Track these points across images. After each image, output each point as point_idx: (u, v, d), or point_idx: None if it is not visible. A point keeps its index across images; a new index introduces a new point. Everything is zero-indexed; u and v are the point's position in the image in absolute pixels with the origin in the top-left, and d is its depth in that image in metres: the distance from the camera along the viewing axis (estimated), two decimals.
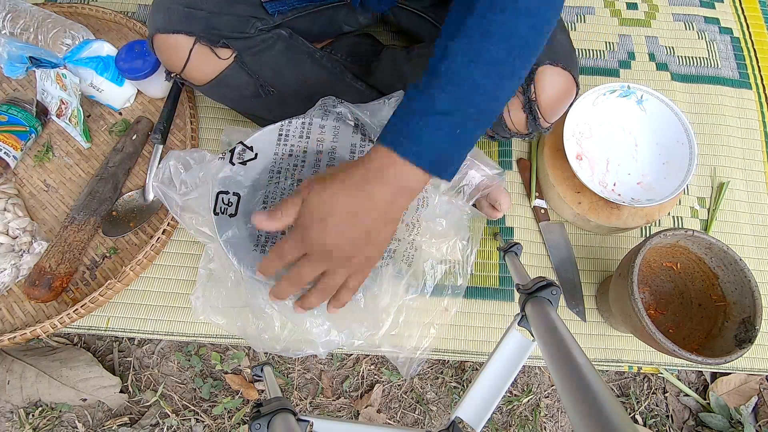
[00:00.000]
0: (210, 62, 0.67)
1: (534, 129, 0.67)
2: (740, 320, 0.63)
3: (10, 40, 0.82)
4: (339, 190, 0.44)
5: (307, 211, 0.45)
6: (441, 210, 0.62)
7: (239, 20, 0.66)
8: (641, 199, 0.75)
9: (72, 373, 0.79)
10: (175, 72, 0.68)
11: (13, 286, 0.77)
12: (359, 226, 0.45)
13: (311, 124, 0.64)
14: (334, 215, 0.44)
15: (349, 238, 0.45)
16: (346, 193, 0.44)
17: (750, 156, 0.89)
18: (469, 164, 0.67)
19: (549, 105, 0.64)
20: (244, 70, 0.69)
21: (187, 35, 0.64)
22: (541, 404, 0.82)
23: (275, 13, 0.68)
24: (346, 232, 0.44)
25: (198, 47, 0.65)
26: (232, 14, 0.66)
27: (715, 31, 0.98)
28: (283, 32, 0.71)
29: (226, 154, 0.62)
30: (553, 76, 0.62)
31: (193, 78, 0.69)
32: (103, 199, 0.78)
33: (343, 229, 0.44)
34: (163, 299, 0.78)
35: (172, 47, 0.65)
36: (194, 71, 0.67)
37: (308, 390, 0.83)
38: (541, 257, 0.81)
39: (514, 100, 0.64)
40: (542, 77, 0.62)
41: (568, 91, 0.65)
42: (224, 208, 0.58)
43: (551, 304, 0.42)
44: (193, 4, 0.64)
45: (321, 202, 0.44)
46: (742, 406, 0.81)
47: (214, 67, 0.67)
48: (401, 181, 0.44)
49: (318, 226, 0.44)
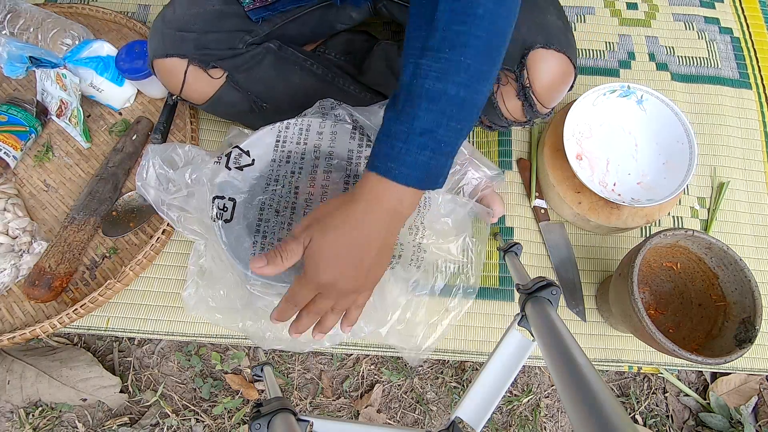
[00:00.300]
0: (204, 82, 0.68)
1: (532, 116, 0.65)
2: (740, 320, 0.63)
3: (10, 40, 0.82)
4: (341, 232, 0.45)
5: (314, 259, 0.46)
6: (445, 209, 0.62)
7: (228, 36, 0.67)
8: (641, 199, 0.75)
9: (72, 373, 0.79)
10: (175, 93, 0.71)
11: (13, 286, 0.77)
12: (365, 258, 0.46)
13: (308, 129, 0.64)
14: (340, 257, 0.45)
15: (358, 270, 0.47)
16: (348, 233, 0.45)
17: (750, 156, 0.89)
18: (468, 165, 0.67)
19: (545, 90, 0.61)
20: (236, 88, 0.70)
21: (180, 58, 0.66)
22: (541, 404, 0.82)
23: (259, 20, 0.69)
24: (354, 267, 0.46)
25: (192, 69, 0.67)
26: (220, 31, 0.67)
27: (715, 31, 0.98)
28: (272, 45, 0.72)
29: (222, 157, 0.61)
30: (547, 59, 0.60)
31: (192, 98, 0.71)
32: (103, 199, 0.78)
33: (351, 265, 0.46)
34: (163, 299, 0.78)
35: (169, 70, 0.67)
36: (192, 92, 0.69)
37: (308, 390, 0.83)
38: (541, 257, 0.81)
39: (507, 87, 0.62)
40: (535, 61, 0.60)
41: (564, 73, 0.62)
42: (220, 213, 0.58)
43: (551, 304, 0.42)
44: (184, 27, 0.65)
45: (326, 247, 0.46)
46: (742, 406, 0.81)
47: (208, 87, 0.69)
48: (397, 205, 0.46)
49: (327, 270, 0.46)
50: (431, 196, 0.62)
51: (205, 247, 0.63)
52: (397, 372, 0.83)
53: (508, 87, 0.62)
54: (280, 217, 0.60)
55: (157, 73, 0.69)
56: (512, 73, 0.61)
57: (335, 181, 0.61)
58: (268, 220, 0.60)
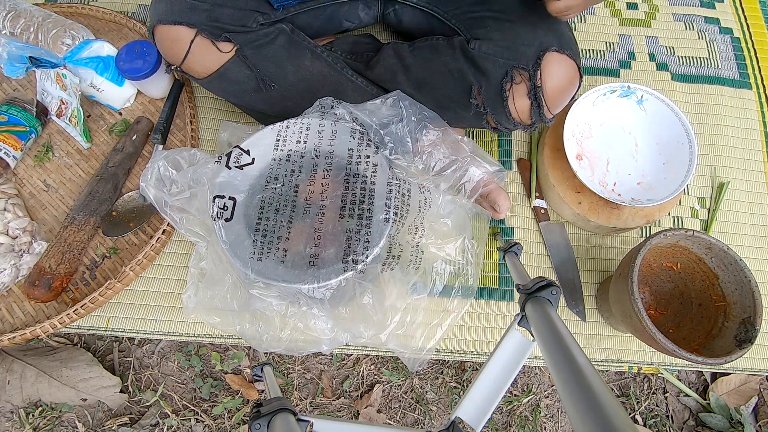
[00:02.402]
0: (211, 55, 0.66)
1: (537, 119, 0.66)
2: (740, 320, 0.63)
3: (10, 40, 0.82)
4: None
5: None
6: (445, 210, 0.62)
7: (242, 13, 0.66)
8: (641, 199, 0.75)
9: (72, 373, 0.79)
10: (175, 64, 0.68)
11: (13, 286, 0.77)
12: None
13: (308, 128, 0.64)
14: None
15: None
16: None
17: (750, 156, 0.89)
18: (470, 161, 0.67)
19: (554, 93, 0.64)
20: (246, 63, 0.68)
21: (189, 27, 0.64)
22: (541, 404, 0.82)
23: (280, 8, 0.68)
24: None
25: (199, 39, 0.65)
26: (235, 7, 0.65)
27: (716, 31, 0.98)
28: (285, 27, 0.71)
29: (222, 157, 0.61)
30: (560, 63, 0.63)
31: (193, 71, 0.68)
32: (103, 199, 0.78)
33: None
34: (163, 299, 0.78)
35: (173, 38, 0.65)
36: (195, 64, 0.67)
37: (308, 390, 0.83)
38: (541, 257, 0.81)
39: (520, 86, 0.64)
40: (549, 63, 0.62)
41: (572, 80, 0.65)
42: (220, 212, 0.58)
43: (551, 304, 0.42)
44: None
45: None
46: (742, 406, 0.81)
47: (215, 61, 0.67)
48: None
49: None
50: (431, 197, 0.62)
51: (206, 250, 0.63)
52: (397, 372, 0.83)
53: (521, 86, 0.64)
54: (280, 216, 0.60)
55: (158, 41, 0.66)
56: (526, 72, 0.63)
57: (335, 179, 0.61)
58: (268, 218, 0.60)
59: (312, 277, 0.55)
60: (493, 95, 0.65)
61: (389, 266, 0.61)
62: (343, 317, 0.60)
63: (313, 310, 0.58)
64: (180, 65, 0.67)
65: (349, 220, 0.58)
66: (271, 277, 0.55)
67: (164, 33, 0.65)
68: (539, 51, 0.62)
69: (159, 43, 0.67)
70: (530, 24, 0.65)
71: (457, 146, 0.68)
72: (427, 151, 0.67)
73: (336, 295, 0.57)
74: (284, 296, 0.58)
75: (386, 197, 0.58)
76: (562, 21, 0.67)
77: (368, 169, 0.61)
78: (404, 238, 0.61)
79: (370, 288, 0.58)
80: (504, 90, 0.64)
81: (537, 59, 0.62)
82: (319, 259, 0.57)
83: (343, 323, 0.60)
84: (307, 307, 0.58)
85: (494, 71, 0.64)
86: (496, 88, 0.64)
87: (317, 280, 0.55)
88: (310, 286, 0.55)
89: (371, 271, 0.57)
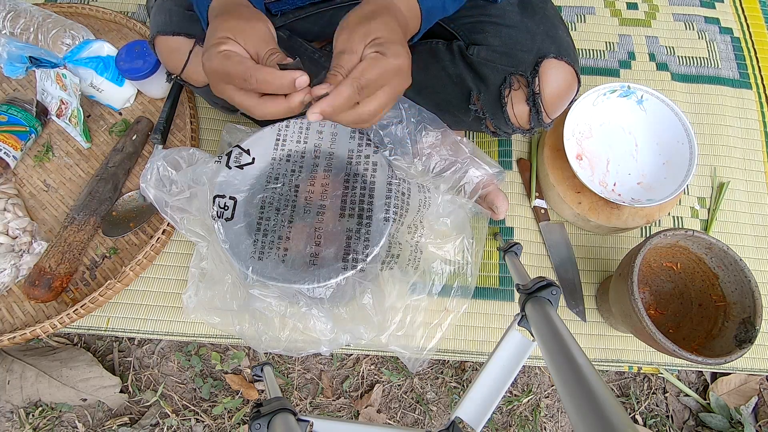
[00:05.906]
0: None
1: (536, 124, 0.67)
2: (740, 320, 0.63)
3: (10, 40, 0.82)
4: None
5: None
6: (445, 209, 0.62)
7: None
8: (641, 199, 0.75)
9: (72, 373, 0.79)
10: (175, 73, 0.69)
11: (13, 286, 0.77)
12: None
13: (309, 128, 0.64)
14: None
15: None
16: None
17: (750, 156, 0.89)
18: (469, 163, 0.67)
19: (553, 99, 0.64)
20: None
21: (187, 37, 0.65)
22: (541, 404, 0.82)
23: (278, 13, 0.68)
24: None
25: (198, 49, 0.65)
26: None
27: (716, 31, 0.98)
28: (282, 34, 0.72)
29: (222, 157, 0.61)
30: (558, 69, 0.63)
31: (192, 79, 0.69)
32: (103, 199, 0.78)
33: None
34: (163, 299, 0.78)
35: (173, 49, 0.66)
36: (193, 73, 0.68)
37: (308, 390, 0.83)
38: (541, 257, 0.81)
39: (518, 92, 0.64)
40: (547, 70, 0.62)
41: (571, 86, 0.65)
42: (220, 212, 0.58)
43: (551, 304, 0.42)
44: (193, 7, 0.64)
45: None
46: (742, 406, 0.81)
47: None
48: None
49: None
50: (431, 196, 0.62)
51: (207, 249, 0.63)
52: (397, 372, 0.83)
53: (519, 92, 0.64)
54: (281, 215, 0.60)
55: (158, 51, 0.67)
56: (524, 79, 0.63)
57: (335, 179, 0.61)
58: (268, 218, 0.60)
59: (312, 277, 0.55)
60: (491, 101, 0.65)
61: (388, 265, 0.61)
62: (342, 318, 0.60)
63: (312, 310, 0.58)
64: (179, 74, 0.68)
65: (349, 219, 0.58)
66: (271, 276, 0.55)
67: (164, 43, 0.66)
68: (537, 57, 0.63)
69: (159, 53, 0.68)
70: (528, 30, 0.65)
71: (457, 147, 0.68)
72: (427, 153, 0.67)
73: (336, 294, 0.57)
74: (284, 296, 0.58)
75: (386, 196, 0.58)
76: (560, 27, 0.67)
77: (368, 168, 0.61)
78: (403, 237, 0.61)
79: (370, 287, 0.58)
80: (503, 96, 0.64)
81: (535, 66, 0.63)
82: (320, 259, 0.57)
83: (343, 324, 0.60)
84: (306, 307, 0.58)
85: (493, 77, 0.64)
86: (494, 94, 0.65)
87: (317, 279, 0.55)
88: (311, 286, 0.55)
89: (371, 270, 0.57)
